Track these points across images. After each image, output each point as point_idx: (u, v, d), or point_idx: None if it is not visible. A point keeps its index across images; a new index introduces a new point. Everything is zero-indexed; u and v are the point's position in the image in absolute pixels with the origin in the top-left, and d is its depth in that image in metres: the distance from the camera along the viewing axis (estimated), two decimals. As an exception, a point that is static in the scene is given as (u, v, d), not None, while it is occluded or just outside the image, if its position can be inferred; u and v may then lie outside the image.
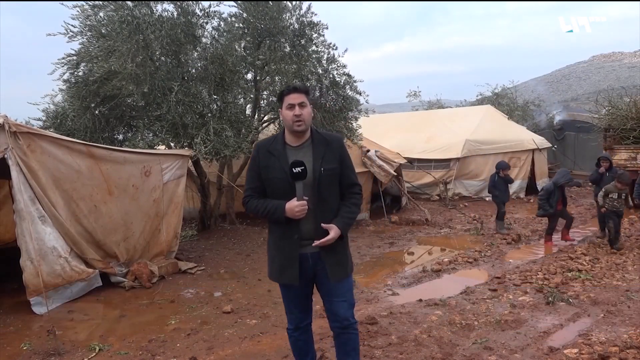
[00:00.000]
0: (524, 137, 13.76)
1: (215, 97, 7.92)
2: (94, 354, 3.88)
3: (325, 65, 8.42)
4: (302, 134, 2.60)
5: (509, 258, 6.95)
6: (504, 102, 20.77)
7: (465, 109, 17.56)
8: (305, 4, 8.10)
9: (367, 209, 10.20)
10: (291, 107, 2.54)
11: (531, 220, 9.70)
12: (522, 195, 12.96)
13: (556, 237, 7.90)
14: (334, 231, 2.55)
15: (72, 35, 7.09)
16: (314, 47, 8.32)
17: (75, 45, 7.21)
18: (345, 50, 8.62)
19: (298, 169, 2.44)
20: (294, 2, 8.04)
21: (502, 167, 8.68)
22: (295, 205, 2.48)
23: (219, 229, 8.96)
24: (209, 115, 7.50)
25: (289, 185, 2.50)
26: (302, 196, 2.48)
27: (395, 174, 10.30)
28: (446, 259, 6.80)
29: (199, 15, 7.51)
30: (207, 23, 7.75)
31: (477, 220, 9.76)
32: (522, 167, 13.06)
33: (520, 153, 13.11)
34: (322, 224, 2.56)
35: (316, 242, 2.53)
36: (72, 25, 7.05)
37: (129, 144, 7.44)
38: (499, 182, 8.57)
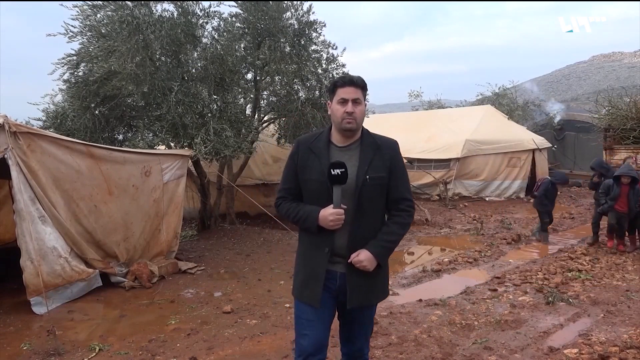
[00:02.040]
0: (524, 137, 13.77)
1: (215, 97, 7.92)
2: (94, 354, 3.88)
3: (324, 65, 8.43)
4: (352, 133, 2.26)
5: (509, 258, 6.95)
6: (504, 102, 20.78)
7: (465, 109, 17.58)
8: (305, 4, 8.12)
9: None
10: (343, 102, 2.21)
11: (531, 220, 9.70)
12: (522, 195, 12.96)
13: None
14: (363, 255, 2.19)
15: (72, 36, 7.10)
16: (314, 47, 8.33)
17: (75, 45, 7.23)
18: (344, 50, 8.65)
19: (337, 171, 2.10)
20: (294, 2, 8.05)
21: (562, 181, 8.07)
22: (330, 214, 2.14)
23: (219, 229, 8.96)
24: (209, 115, 7.51)
25: (327, 190, 2.15)
26: (339, 204, 2.13)
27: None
28: (446, 259, 6.80)
29: (199, 15, 7.52)
30: (207, 23, 7.76)
31: (477, 220, 9.76)
32: (522, 167, 13.06)
33: (520, 153, 13.12)
34: (352, 258, 2.19)
35: (350, 259, 2.19)
36: (72, 26, 7.08)
37: (129, 144, 7.46)
38: (552, 191, 7.94)
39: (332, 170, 2.11)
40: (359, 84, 2.24)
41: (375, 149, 2.27)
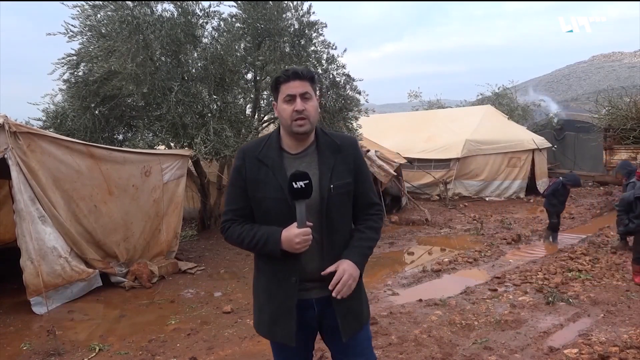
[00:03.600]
0: (524, 137, 13.76)
1: (215, 97, 7.92)
2: (94, 354, 3.88)
3: (325, 66, 8.44)
4: (305, 136, 1.90)
5: (509, 258, 6.95)
6: (504, 102, 20.78)
7: (465, 109, 17.57)
8: (305, 5, 8.12)
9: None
10: (290, 99, 1.84)
11: (531, 220, 9.70)
12: (522, 195, 12.96)
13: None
14: (346, 265, 1.84)
15: (72, 35, 7.10)
16: (313, 47, 8.34)
17: (75, 45, 7.24)
18: (345, 51, 8.66)
19: (300, 184, 1.75)
20: (294, 2, 8.05)
21: (574, 182, 7.70)
22: (295, 235, 1.78)
23: (219, 229, 8.95)
24: (209, 115, 7.51)
25: (287, 208, 1.81)
26: (304, 222, 1.79)
27: (395, 174, 10.30)
28: (446, 259, 6.80)
29: (199, 15, 7.53)
30: (207, 23, 7.77)
31: (477, 220, 9.76)
32: (522, 167, 13.06)
33: (520, 153, 13.11)
34: (324, 273, 1.85)
35: (333, 284, 1.83)
36: (72, 25, 7.08)
37: (129, 144, 7.46)
38: (562, 192, 7.64)
39: (294, 184, 1.75)
40: (306, 76, 1.87)
41: (335, 152, 1.92)
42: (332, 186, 1.87)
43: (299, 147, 1.92)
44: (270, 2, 7.82)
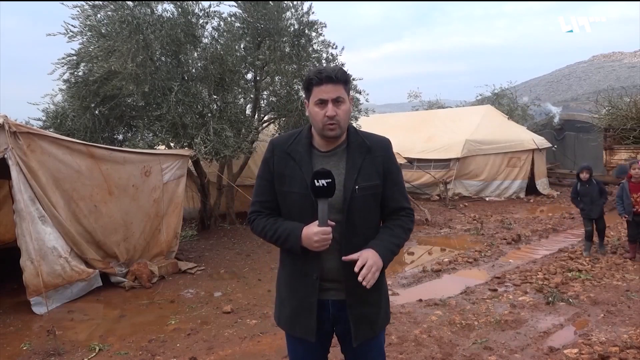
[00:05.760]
0: (524, 137, 13.76)
1: (215, 97, 7.93)
2: (94, 354, 3.88)
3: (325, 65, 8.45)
4: (335, 139, 1.89)
5: (509, 258, 6.95)
6: (504, 102, 20.78)
7: (465, 109, 17.56)
8: (306, 5, 8.13)
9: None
10: (322, 103, 1.80)
11: (531, 220, 9.70)
12: (522, 195, 12.96)
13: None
14: (368, 253, 1.78)
15: (72, 35, 7.10)
16: (313, 47, 8.34)
17: (75, 45, 7.24)
18: (343, 49, 8.65)
19: (322, 182, 1.73)
20: (294, 2, 8.06)
21: (583, 168, 6.70)
22: (314, 233, 1.76)
23: (219, 229, 8.96)
24: (209, 115, 7.51)
25: (311, 204, 1.79)
26: (325, 221, 1.77)
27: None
28: (446, 259, 6.80)
29: (199, 15, 7.53)
30: (207, 23, 7.78)
31: (477, 220, 9.76)
32: (522, 167, 13.06)
33: (520, 153, 13.11)
34: (345, 258, 1.80)
35: (346, 257, 1.80)
36: (72, 25, 7.08)
37: (129, 144, 7.46)
38: (582, 191, 6.68)
39: (315, 181, 1.74)
40: (340, 79, 1.81)
41: (364, 152, 1.89)
42: (357, 187, 1.85)
43: (329, 145, 1.91)
44: (271, 2, 7.82)
